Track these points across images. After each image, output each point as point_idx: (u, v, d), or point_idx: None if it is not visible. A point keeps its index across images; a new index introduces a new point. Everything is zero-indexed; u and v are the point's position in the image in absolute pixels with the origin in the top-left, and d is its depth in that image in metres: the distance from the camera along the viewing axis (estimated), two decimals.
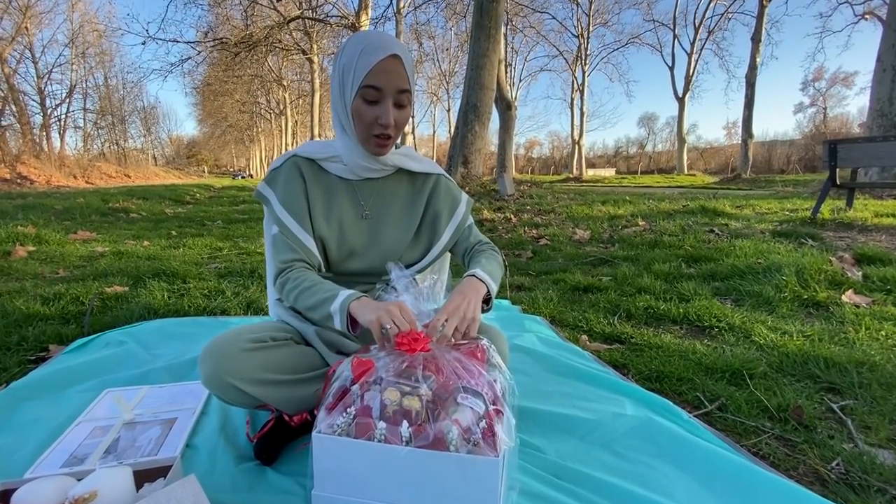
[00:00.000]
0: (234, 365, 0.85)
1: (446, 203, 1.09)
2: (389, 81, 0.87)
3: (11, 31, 16.48)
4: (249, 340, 0.89)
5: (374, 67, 0.85)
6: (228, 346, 0.87)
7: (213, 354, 0.86)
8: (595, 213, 5.28)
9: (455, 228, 1.09)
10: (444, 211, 1.08)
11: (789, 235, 3.43)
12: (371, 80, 0.86)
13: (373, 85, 0.86)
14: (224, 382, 0.84)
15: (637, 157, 50.14)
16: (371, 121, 0.90)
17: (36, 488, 0.67)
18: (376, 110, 0.89)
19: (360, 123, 0.91)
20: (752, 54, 15.11)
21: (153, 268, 2.57)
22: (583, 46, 23.50)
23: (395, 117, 0.90)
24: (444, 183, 1.10)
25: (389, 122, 0.89)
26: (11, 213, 4.88)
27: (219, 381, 0.84)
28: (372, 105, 0.89)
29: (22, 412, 1.09)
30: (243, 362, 0.86)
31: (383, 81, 0.86)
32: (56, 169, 14.65)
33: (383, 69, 0.86)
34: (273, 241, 1.02)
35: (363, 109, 0.89)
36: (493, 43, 7.67)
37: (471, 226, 1.13)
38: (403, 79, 0.88)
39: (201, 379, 0.86)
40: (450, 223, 1.08)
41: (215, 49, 12.60)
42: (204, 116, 33.70)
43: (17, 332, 1.59)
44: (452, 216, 1.09)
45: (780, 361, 1.41)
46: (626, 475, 0.90)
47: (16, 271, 2.62)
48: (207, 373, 0.85)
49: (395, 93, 0.88)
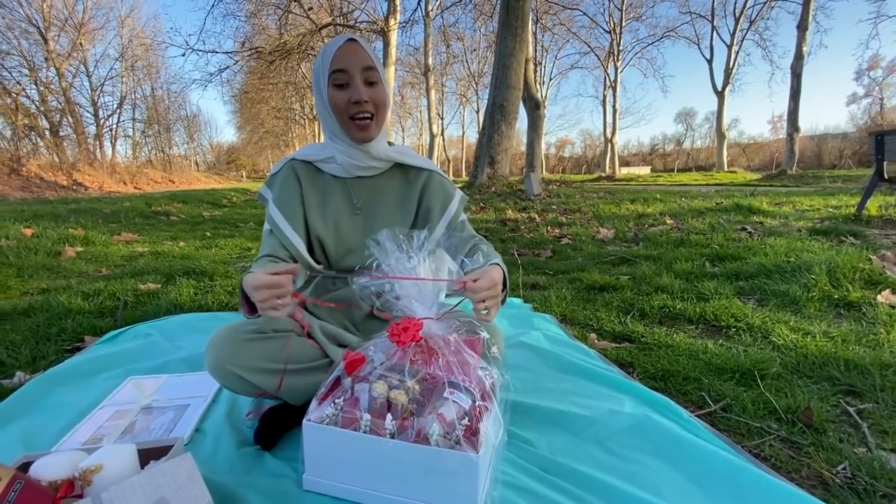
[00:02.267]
0: (234, 354, 0.90)
1: (438, 198, 1.11)
2: (352, 62, 0.94)
3: (68, 48, 17.72)
4: (250, 331, 0.94)
5: (336, 53, 0.94)
6: (229, 337, 0.92)
7: (215, 344, 0.91)
8: (622, 212, 5.16)
9: (448, 223, 1.11)
10: (437, 206, 1.10)
11: (829, 233, 3.25)
12: (337, 65, 0.94)
13: (339, 69, 0.94)
14: (226, 370, 0.90)
15: (674, 154, 48.43)
16: (345, 103, 0.96)
17: (50, 461, 0.73)
18: (348, 92, 0.95)
19: (338, 111, 0.97)
20: (799, 43, 14.31)
21: (185, 266, 2.72)
22: (615, 42, 22.94)
23: (369, 94, 0.96)
24: (436, 179, 1.13)
25: (361, 97, 0.94)
26: (65, 216, 5.26)
27: (222, 369, 0.90)
28: (343, 88, 0.96)
29: (54, 396, 1.19)
30: (244, 351, 0.91)
31: (346, 63, 0.94)
32: (108, 175, 15.62)
33: (343, 53, 0.94)
34: (263, 237, 1.08)
35: (337, 96, 0.96)
36: (520, 42, 7.63)
37: (464, 221, 1.15)
38: (365, 57, 0.95)
39: (206, 367, 0.92)
40: (442, 217, 1.10)
41: (251, 58, 13.09)
42: (242, 123, 35.07)
43: (57, 324, 1.72)
44: (445, 211, 1.11)
45: (797, 362, 1.35)
46: (616, 471, 0.89)
47: (64, 269, 2.82)
48: (211, 361, 0.90)
49: (361, 70, 0.95)
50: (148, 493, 0.65)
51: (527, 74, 9.57)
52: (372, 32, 12.44)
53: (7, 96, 15.29)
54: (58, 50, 17.20)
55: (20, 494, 0.63)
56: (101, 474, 0.70)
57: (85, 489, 0.69)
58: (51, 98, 17.20)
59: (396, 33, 12.29)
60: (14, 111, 15.15)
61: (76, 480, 0.70)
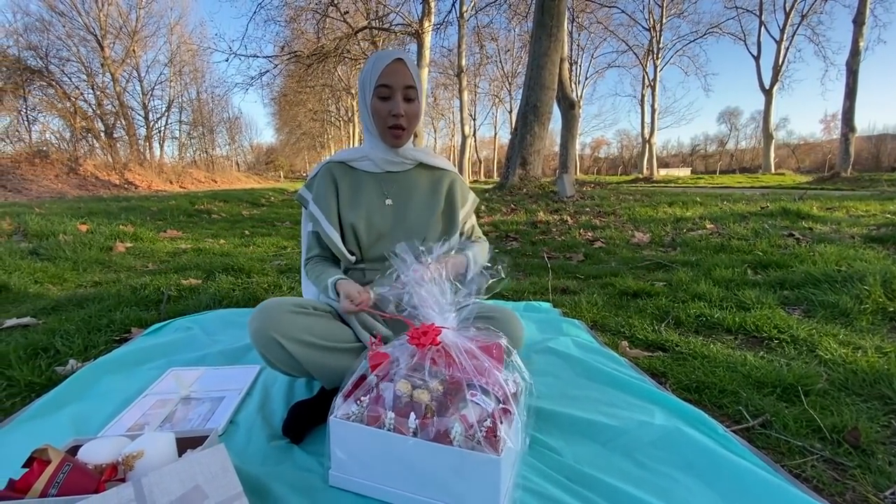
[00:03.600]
0: (278, 322, 0.96)
1: (461, 197, 1.24)
2: (396, 79, 1.07)
3: (122, 54, 18.79)
4: (294, 304, 1.02)
5: (384, 70, 1.07)
6: (276, 307, 0.99)
7: (262, 312, 0.98)
8: (659, 215, 5.00)
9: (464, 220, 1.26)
10: (459, 203, 1.23)
11: (885, 241, 3.04)
12: (383, 80, 1.07)
13: (384, 84, 1.07)
14: (269, 337, 0.95)
15: (716, 155, 46.45)
16: (386, 114, 1.09)
17: (97, 446, 0.78)
18: (389, 105, 1.09)
19: (378, 119, 1.10)
20: (855, 39, 13.45)
21: (224, 263, 2.83)
22: (655, 39, 22.21)
23: (406, 109, 1.10)
24: (458, 180, 1.26)
25: (400, 112, 1.08)
26: (116, 213, 5.58)
27: (264, 336, 0.96)
28: (385, 101, 1.09)
29: (102, 384, 1.26)
30: (287, 321, 0.98)
31: (392, 80, 1.07)
32: (156, 175, 16.47)
33: (391, 71, 1.07)
34: (307, 238, 1.22)
35: (379, 106, 1.10)
36: (555, 42, 7.52)
37: (474, 225, 1.30)
38: (408, 77, 1.08)
39: (249, 335, 0.98)
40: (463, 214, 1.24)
41: (290, 61, 13.49)
42: (280, 125, 36.17)
43: (107, 315, 1.83)
44: (464, 208, 1.25)
45: (846, 379, 1.27)
46: (644, 485, 0.87)
47: (115, 264, 3.00)
48: (255, 328, 0.96)
49: (403, 88, 1.08)
50: (184, 481, 0.68)
51: (561, 74, 9.43)
52: (406, 35, 12.57)
53: (67, 100, 16.39)
54: (113, 56, 18.27)
55: (68, 476, 0.68)
56: (143, 460, 0.75)
57: (127, 474, 0.73)
58: (106, 102, 18.32)
59: (430, 35, 12.37)
60: (73, 114, 16.23)
61: (119, 465, 0.74)
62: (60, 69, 16.70)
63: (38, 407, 1.12)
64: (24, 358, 1.39)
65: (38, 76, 15.80)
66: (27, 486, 0.67)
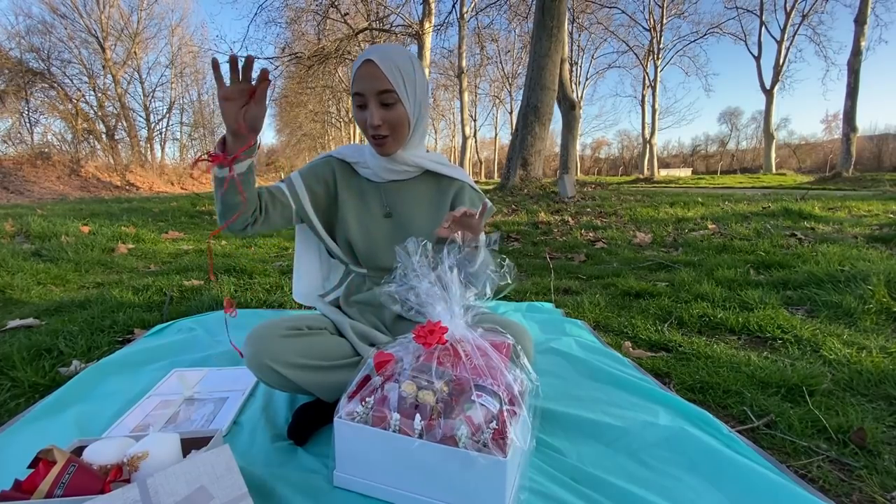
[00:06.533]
0: (271, 349, 0.94)
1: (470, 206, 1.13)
2: (367, 85, 0.95)
3: (123, 56, 18.84)
4: (287, 328, 0.98)
5: (355, 76, 0.97)
6: (268, 332, 0.96)
7: (254, 339, 0.95)
8: (661, 216, 5.00)
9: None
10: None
11: (888, 240, 3.04)
12: (355, 88, 0.97)
13: (356, 92, 0.97)
14: (263, 364, 0.93)
15: (717, 155, 46.40)
16: (363, 123, 1.00)
17: (101, 447, 0.78)
18: (365, 114, 0.98)
19: (361, 129, 1.02)
20: (856, 38, 13.44)
21: (226, 264, 2.83)
22: (655, 40, 22.22)
23: (384, 117, 0.98)
24: (469, 190, 1.17)
25: (374, 122, 0.97)
26: (118, 214, 5.59)
27: (258, 363, 0.94)
28: (362, 110, 0.99)
29: (106, 384, 1.26)
30: (280, 347, 0.95)
31: (362, 86, 0.96)
32: (157, 176, 16.51)
33: (360, 76, 0.96)
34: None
35: (358, 116, 1.00)
36: (556, 42, 7.52)
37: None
38: (381, 80, 0.95)
39: (244, 361, 0.95)
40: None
41: (291, 63, 13.52)
42: (281, 126, 36.22)
43: (110, 316, 1.83)
44: None
45: (851, 379, 1.26)
46: (649, 485, 0.87)
47: (117, 265, 3.00)
48: (249, 355, 0.94)
49: (376, 94, 0.96)
50: (189, 481, 0.68)
51: (562, 75, 9.43)
52: (407, 36, 12.59)
53: (69, 102, 16.43)
54: (114, 58, 18.33)
55: (73, 477, 0.68)
56: (147, 461, 0.75)
57: (132, 474, 0.73)
58: (107, 104, 18.38)
59: (431, 36, 12.38)
60: (74, 116, 16.27)
61: (124, 466, 0.74)
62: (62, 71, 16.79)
63: (42, 408, 1.12)
64: (27, 359, 1.40)
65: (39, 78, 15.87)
66: (33, 486, 0.67)
